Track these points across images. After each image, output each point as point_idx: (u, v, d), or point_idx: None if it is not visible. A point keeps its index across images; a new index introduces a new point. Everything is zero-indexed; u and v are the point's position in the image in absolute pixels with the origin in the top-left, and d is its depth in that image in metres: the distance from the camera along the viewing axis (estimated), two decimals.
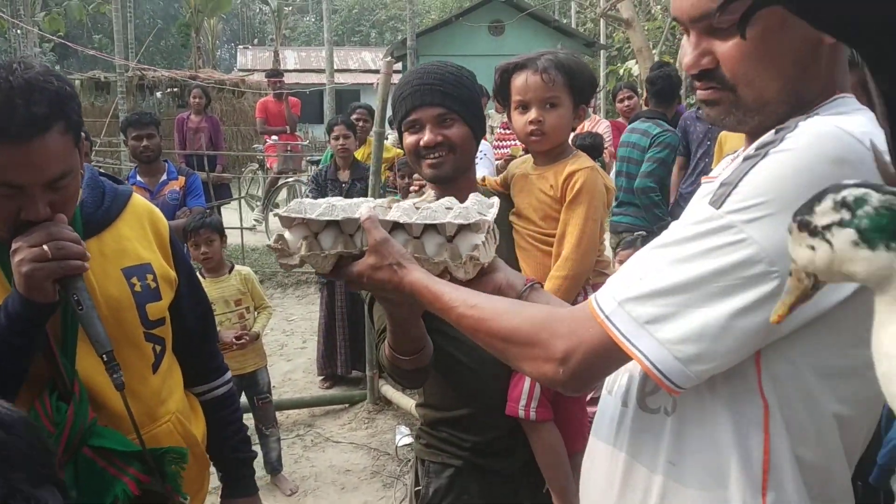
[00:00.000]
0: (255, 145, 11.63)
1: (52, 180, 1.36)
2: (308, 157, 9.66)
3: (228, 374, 1.93)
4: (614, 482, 1.13)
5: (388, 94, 4.87)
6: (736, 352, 0.96)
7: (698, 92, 1.11)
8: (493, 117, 7.49)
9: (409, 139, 1.85)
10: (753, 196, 0.92)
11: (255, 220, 9.81)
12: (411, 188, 2.16)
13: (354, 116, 5.91)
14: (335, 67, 20.15)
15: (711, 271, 0.93)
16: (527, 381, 1.81)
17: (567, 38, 16.24)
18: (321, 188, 5.37)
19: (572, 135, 2.23)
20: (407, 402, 4.65)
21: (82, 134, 1.48)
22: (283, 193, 9.41)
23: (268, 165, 9.66)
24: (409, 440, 4.39)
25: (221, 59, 29.83)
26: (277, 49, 25.00)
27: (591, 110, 6.54)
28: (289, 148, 9.51)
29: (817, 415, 0.99)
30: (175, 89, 16.68)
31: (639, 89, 7.97)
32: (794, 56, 1.00)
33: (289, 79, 14.49)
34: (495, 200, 1.39)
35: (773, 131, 0.98)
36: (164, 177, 4.60)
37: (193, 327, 1.80)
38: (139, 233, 1.65)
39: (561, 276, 1.82)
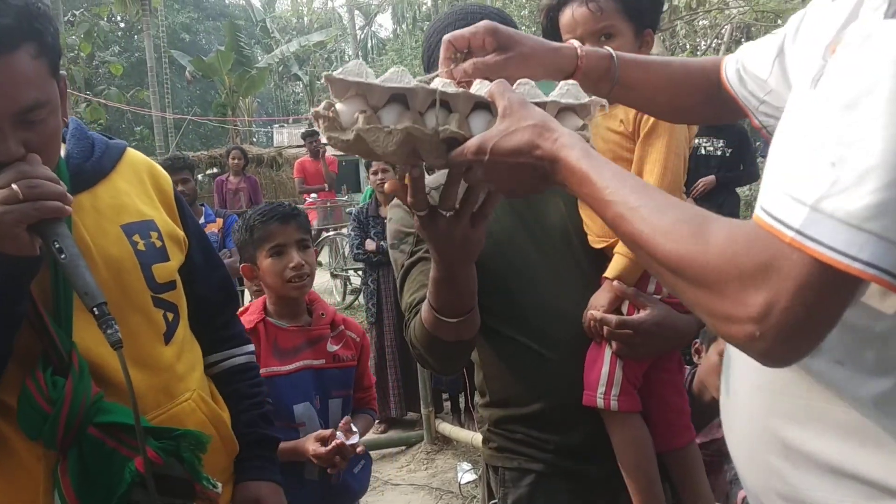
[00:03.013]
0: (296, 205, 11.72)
1: (22, 111, 1.14)
2: (348, 209, 9.63)
3: (250, 347, 1.71)
4: (764, 386, 0.87)
5: None
6: None
7: None
8: None
9: None
10: None
11: None
12: None
13: None
14: None
15: None
16: (605, 365, 1.55)
17: None
18: (363, 226, 5.27)
19: None
20: (466, 435, 4.40)
21: (62, 71, 1.26)
22: (325, 250, 9.37)
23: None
24: (472, 476, 4.13)
25: (259, 140, 30.55)
26: (312, 122, 25.52)
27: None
28: (328, 204, 9.49)
29: None
30: (215, 169, 17.05)
31: None
32: None
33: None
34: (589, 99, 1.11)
35: None
36: (202, 220, 4.55)
37: (209, 295, 1.61)
38: (138, 188, 1.46)
39: None
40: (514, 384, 1.64)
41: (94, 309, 1.14)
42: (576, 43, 1.24)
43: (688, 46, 12.77)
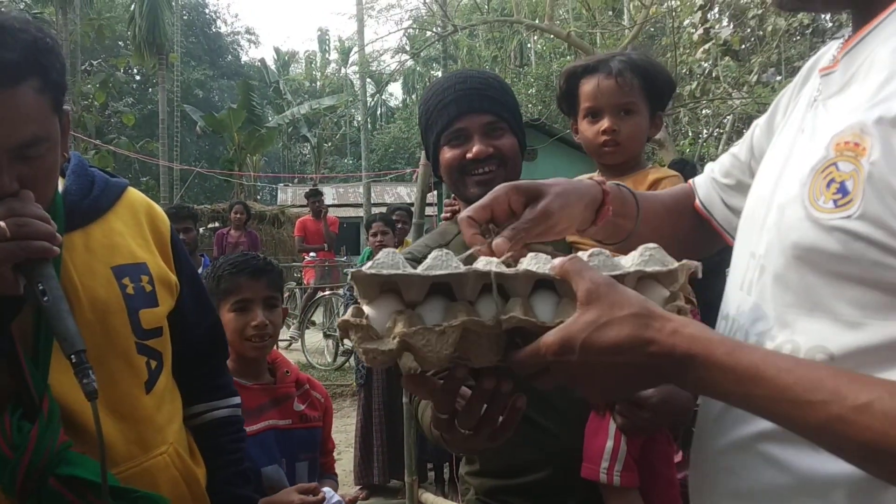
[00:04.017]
0: (294, 263, 11.76)
1: (20, 145, 1.13)
2: (346, 269, 9.64)
3: (236, 399, 1.65)
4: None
5: (427, 186, 4.84)
6: None
7: None
8: None
9: (450, 153, 1.62)
10: None
11: (291, 336, 9.69)
12: (444, 209, 1.93)
13: (394, 217, 5.90)
14: (372, 202, 20.89)
15: None
16: (610, 439, 1.53)
17: None
18: None
19: None
20: None
21: (66, 106, 1.25)
22: (320, 310, 9.35)
23: (305, 281, 9.67)
24: None
25: (263, 197, 30.88)
26: (317, 183, 25.82)
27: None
28: (326, 264, 9.52)
29: None
30: (217, 223, 17.15)
31: None
32: None
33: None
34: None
35: None
36: (200, 269, 4.54)
37: (198, 341, 1.57)
38: (134, 229, 1.43)
39: None
40: (512, 454, 1.58)
41: (72, 356, 1.10)
42: (597, 177, 1.20)
43: (690, 133, 13.02)
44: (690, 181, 1.27)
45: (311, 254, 9.70)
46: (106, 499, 1.13)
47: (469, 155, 1.60)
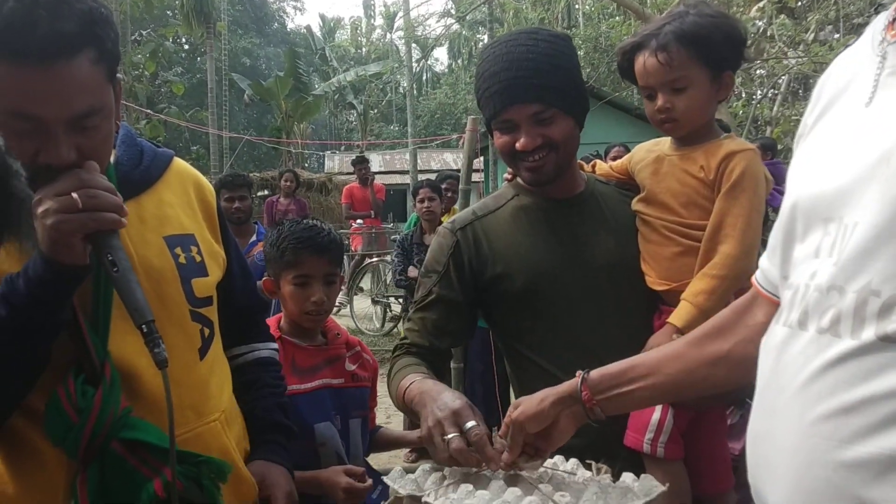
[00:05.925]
0: (342, 230, 11.85)
1: (78, 116, 1.13)
2: (392, 236, 9.70)
3: (274, 345, 1.74)
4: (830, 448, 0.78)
5: (474, 152, 4.82)
6: None
7: None
8: None
9: (501, 139, 1.64)
10: None
11: (340, 302, 9.81)
12: (505, 176, 1.96)
13: (444, 186, 5.85)
14: (418, 168, 20.92)
15: None
16: (657, 411, 1.52)
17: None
18: (406, 253, 5.31)
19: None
20: None
21: (119, 75, 1.25)
22: (368, 276, 9.45)
23: (352, 248, 9.76)
24: None
25: (310, 165, 31.13)
26: (363, 150, 25.96)
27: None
28: (373, 230, 9.58)
29: None
30: (266, 191, 17.37)
31: None
32: None
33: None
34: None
35: None
36: (254, 237, 4.60)
37: (243, 305, 1.64)
38: (183, 199, 1.45)
39: (720, 276, 1.49)
40: None
41: (143, 326, 1.12)
42: (581, 374, 1.30)
43: (743, 94, 12.68)
44: (752, 282, 1.14)
45: (359, 221, 9.77)
46: (173, 465, 1.15)
47: (517, 146, 1.61)
